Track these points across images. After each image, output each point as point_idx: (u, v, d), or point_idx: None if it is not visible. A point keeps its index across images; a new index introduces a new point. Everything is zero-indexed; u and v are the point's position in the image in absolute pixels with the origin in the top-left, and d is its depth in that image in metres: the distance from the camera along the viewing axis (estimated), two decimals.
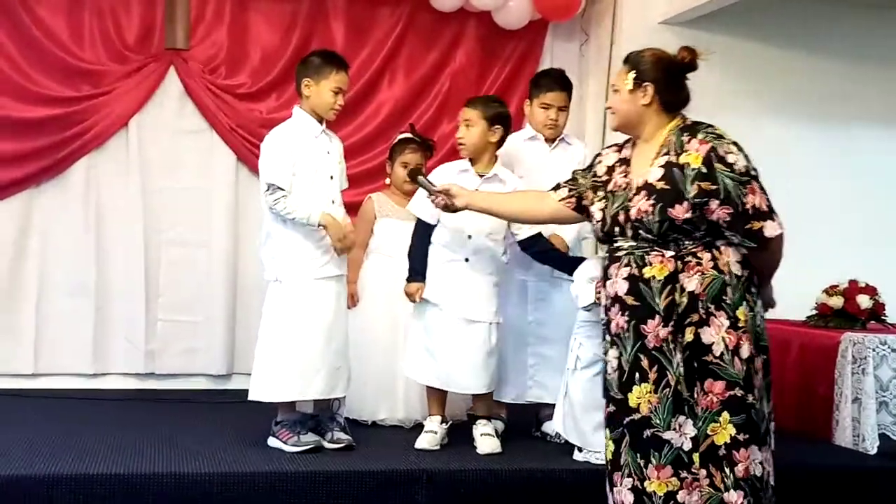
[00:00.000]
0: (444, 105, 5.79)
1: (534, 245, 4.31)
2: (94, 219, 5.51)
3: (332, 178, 4.19)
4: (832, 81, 5.97)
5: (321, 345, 4.07)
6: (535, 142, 4.63)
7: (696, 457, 3.19)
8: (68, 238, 5.49)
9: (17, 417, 4.61)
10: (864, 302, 4.77)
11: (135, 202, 5.53)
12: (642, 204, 3.26)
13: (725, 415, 3.18)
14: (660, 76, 3.32)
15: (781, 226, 3.23)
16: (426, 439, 4.19)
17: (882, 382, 4.47)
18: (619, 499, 3.29)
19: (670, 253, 3.24)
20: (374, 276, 4.81)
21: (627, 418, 3.27)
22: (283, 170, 4.04)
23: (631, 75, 3.35)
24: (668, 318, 3.21)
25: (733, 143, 3.25)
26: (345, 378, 4.19)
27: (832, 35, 5.99)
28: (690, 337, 3.20)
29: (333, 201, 4.16)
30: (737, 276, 3.24)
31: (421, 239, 4.29)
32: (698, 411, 3.20)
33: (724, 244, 3.25)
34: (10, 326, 5.42)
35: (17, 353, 5.41)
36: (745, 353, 3.21)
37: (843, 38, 6.01)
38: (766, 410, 3.28)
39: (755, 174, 3.23)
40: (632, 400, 3.26)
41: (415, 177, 4.09)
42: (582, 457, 4.07)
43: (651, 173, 3.28)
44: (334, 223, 4.08)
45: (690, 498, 3.19)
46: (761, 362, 3.28)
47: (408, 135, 4.96)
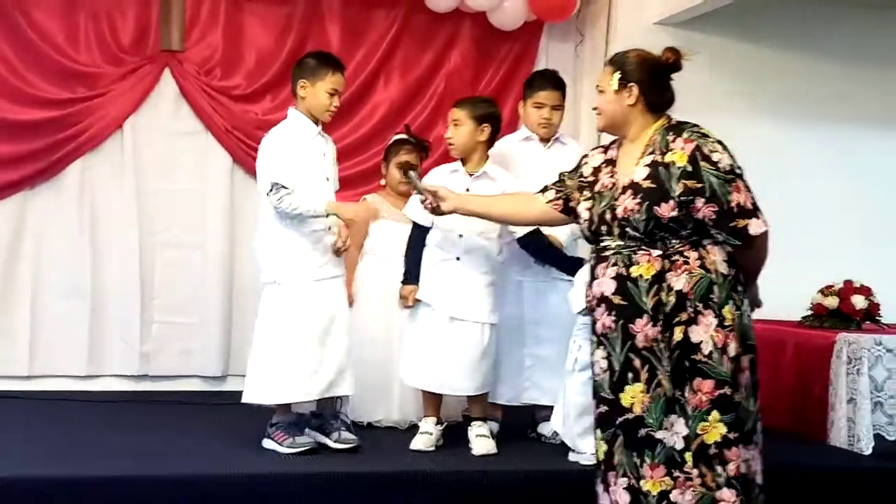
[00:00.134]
0: (439, 106, 5.78)
1: (532, 242, 4.29)
2: (88, 221, 5.49)
3: (327, 179, 4.19)
4: (829, 82, 5.97)
5: (317, 347, 4.06)
6: (529, 142, 4.63)
7: (689, 456, 3.20)
8: (63, 240, 5.48)
9: (13, 419, 4.60)
10: (860, 302, 4.78)
11: (130, 204, 5.52)
12: (628, 203, 3.27)
13: (715, 414, 3.19)
14: (644, 77, 3.35)
15: (766, 223, 3.25)
16: (421, 440, 4.19)
17: (877, 383, 4.47)
18: (615, 499, 3.29)
19: (657, 252, 3.25)
20: (370, 278, 4.81)
21: (620, 418, 3.27)
22: (284, 167, 4.04)
23: (616, 76, 3.37)
24: (656, 318, 3.22)
25: (718, 142, 3.27)
26: (349, 377, 4.15)
27: (828, 36, 6.00)
28: (680, 336, 3.21)
29: None
30: (723, 274, 3.25)
31: (416, 242, 4.29)
32: (689, 410, 3.21)
33: (710, 243, 3.26)
34: (5, 328, 5.41)
35: (11, 354, 5.40)
36: (731, 351, 3.22)
37: (840, 39, 6.01)
38: (752, 409, 3.28)
39: (740, 172, 3.25)
40: (625, 400, 3.26)
41: (406, 172, 4.10)
42: (573, 457, 4.07)
43: (637, 172, 3.30)
44: (344, 207, 4.12)
45: (683, 497, 3.19)
46: (749, 361, 3.29)
47: (403, 136, 4.97)
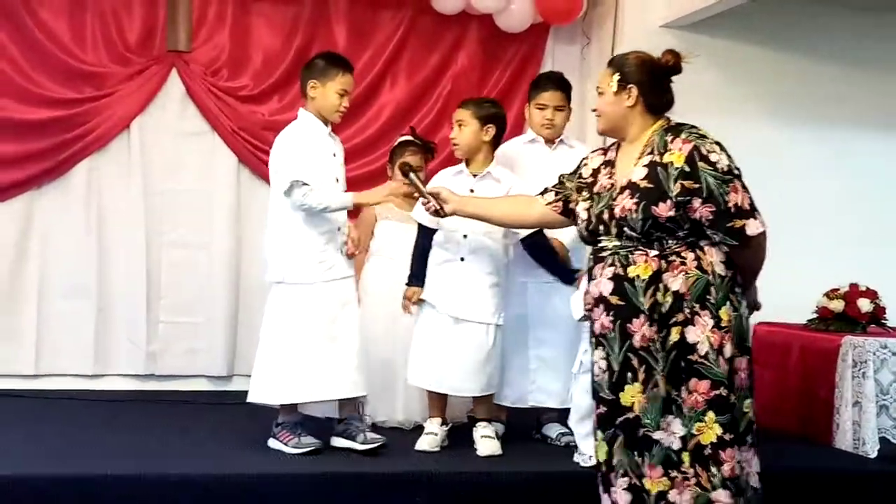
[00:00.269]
0: (445, 108, 5.77)
1: (535, 243, 4.27)
2: (95, 220, 5.51)
3: (337, 180, 4.19)
4: (828, 84, 5.98)
5: (325, 348, 4.05)
6: (535, 144, 4.63)
7: (686, 456, 3.20)
8: (70, 240, 5.49)
9: (18, 418, 4.62)
10: (865, 305, 4.78)
11: (136, 204, 5.54)
12: (626, 202, 3.28)
13: (711, 414, 3.19)
14: (644, 78, 3.35)
15: (764, 224, 3.24)
16: (426, 441, 4.20)
17: (882, 386, 4.48)
18: (615, 498, 3.30)
19: (654, 252, 3.25)
20: (375, 279, 4.81)
21: (620, 418, 3.27)
22: (303, 165, 4.03)
23: (615, 77, 3.37)
24: (653, 318, 3.22)
25: (716, 143, 3.28)
26: (360, 378, 4.12)
27: (827, 38, 6.00)
28: (676, 336, 3.21)
29: None
30: (720, 276, 3.25)
31: (421, 244, 4.29)
32: (685, 410, 3.21)
33: (707, 244, 3.26)
34: (12, 328, 5.43)
35: (18, 354, 5.42)
36: (727, 352, 3.21)
37: (838, 42, 6.02)
38: (746, 410, 3.28)
39: (738, 173, 3.25)
40: (624, 399, 3.26)
41: (406, 173, 4.08)
42: (576, 458, 4.08)
43: (635, 172, 3.30)
44: (371, 194, 4.16)
45: (682, 497, 3.20)
46: (745, 362, 3.29)
47: (408, 137, 4.97)
